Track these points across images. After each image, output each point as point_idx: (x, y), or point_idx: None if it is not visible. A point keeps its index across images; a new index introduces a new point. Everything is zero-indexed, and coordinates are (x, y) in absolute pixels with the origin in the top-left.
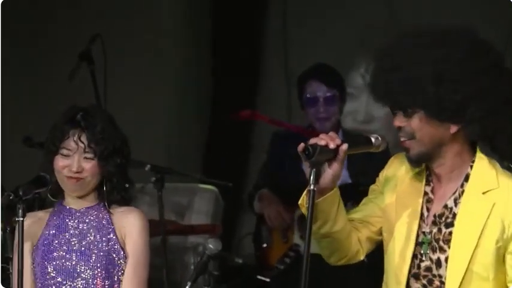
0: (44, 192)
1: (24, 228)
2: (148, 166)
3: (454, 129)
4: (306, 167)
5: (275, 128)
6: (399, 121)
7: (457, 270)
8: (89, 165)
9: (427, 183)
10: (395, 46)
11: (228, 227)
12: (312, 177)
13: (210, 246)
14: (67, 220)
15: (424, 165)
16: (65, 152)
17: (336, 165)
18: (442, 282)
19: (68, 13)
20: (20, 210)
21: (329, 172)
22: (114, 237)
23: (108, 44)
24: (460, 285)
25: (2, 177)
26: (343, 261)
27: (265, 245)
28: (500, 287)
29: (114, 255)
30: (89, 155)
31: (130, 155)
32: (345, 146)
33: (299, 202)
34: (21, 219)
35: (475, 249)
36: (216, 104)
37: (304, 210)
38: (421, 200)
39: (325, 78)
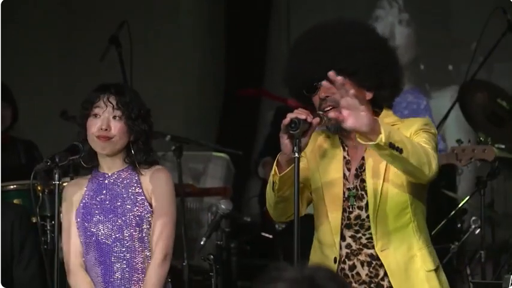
0: (77, 160)
1: (68, 193)
2: (169, 136)
3: (369, 96)
4: (284, 139)
5: (279, 103)
6: (325, 92)
7: (375, 182)
8: (117, 125)
9: (343, 149)
10: (327, 26)
11: (238, 190)
12: (296, 147)
13: (222, 206)
14: (101, 184)
15: (337, 135)
16: (96, 111)
17: (306, 137)
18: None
19: (99, 4)
20: (57, 175)
21: (301, 143)
22: (142, 195)
23: (133, 31)
24: (380, 194)
25: (41, 147)
26: (289, 218)
27: None
28: (411, 191)
29: (142, 210)
30: (117, 114)
31: (153, 126)
32: (317, 120)
33: (272, 173)
34: (57, 182)
35: (386, 163)
36: (228, 85)
37: (276, 178)
38: (341, 164)
39: None
